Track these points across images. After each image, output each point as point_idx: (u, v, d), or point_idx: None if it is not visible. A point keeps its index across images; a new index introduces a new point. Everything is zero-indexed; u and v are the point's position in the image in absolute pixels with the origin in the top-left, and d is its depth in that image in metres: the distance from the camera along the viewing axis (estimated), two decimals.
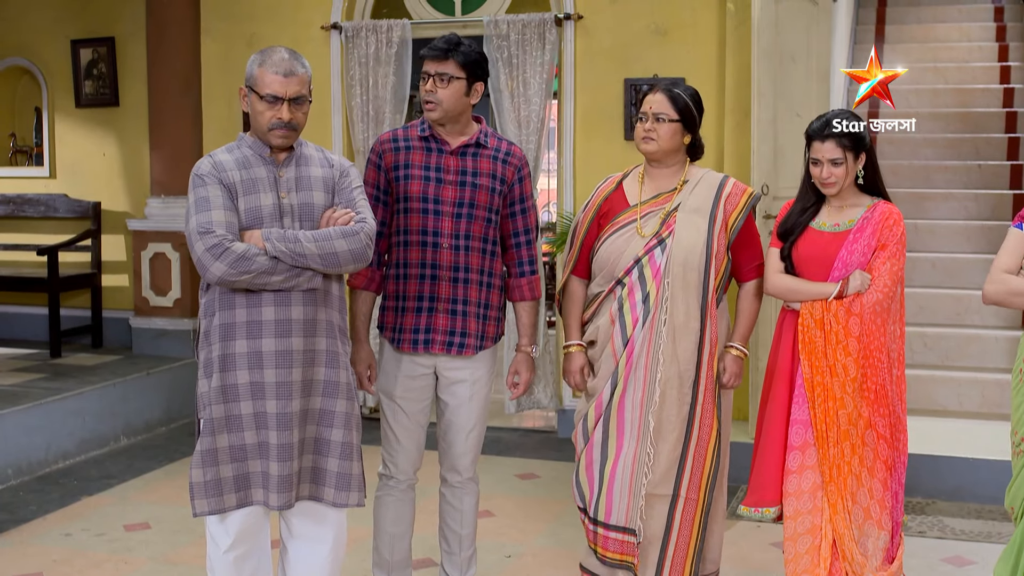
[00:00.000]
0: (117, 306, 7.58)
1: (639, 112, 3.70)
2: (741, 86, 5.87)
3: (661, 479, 3.58)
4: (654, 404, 3.58)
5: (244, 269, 2.98)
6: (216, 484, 3.14)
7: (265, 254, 3.02)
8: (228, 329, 3.10)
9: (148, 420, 6.65)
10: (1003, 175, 8.01)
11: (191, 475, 3.14)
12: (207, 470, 3.13)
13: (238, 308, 3.09)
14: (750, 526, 4.87)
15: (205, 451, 3.13)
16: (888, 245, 3.48)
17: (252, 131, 3.22)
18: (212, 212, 3.02)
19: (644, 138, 3.65)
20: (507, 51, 6.39)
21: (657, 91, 3.67)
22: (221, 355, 3.11)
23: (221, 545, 3.25)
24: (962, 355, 6.52)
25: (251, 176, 3.13)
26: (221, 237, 2.98)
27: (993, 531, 4.81)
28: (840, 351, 3.47)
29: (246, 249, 2.99)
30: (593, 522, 3.66)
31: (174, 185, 7.14)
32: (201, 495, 3.13)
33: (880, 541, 3.52)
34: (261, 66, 3.10)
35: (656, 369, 3.59)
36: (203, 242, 2.98)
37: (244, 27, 7.04)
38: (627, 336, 3.63)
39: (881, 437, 3.51)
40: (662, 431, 3.58)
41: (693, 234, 3.61)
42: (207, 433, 3.13)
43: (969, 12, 10.09)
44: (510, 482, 5.63)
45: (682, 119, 3.63)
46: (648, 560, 3.62)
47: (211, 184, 3.06)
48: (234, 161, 3.15)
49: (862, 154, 3.54)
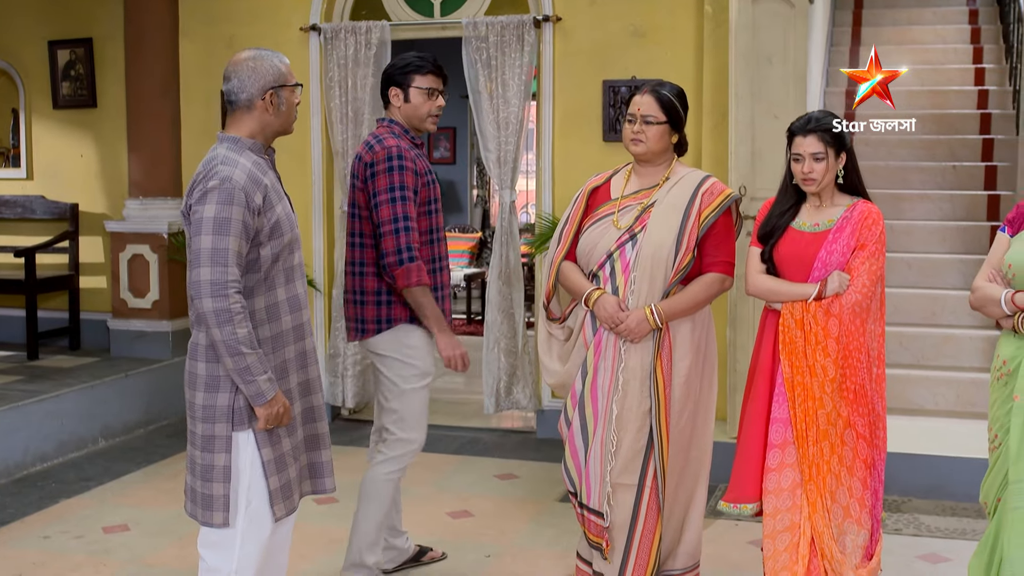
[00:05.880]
0: (95, 308, 7.55)
1: (627, 113, 3.79)
2: (719, 88, 5.91)
3: (624, 469, 3.70)
4: (618, 393, 3.69)
5: (230, 332, 2.97)
6: (287, 486, 3.19)
7: (242, 353, 3.00)
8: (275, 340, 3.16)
9: (126, 422, 6.63)
10: (978, 176, 8.08)
11: (268, 483, 3.12)
12: (281, 475, 3.16)
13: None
14: (728, 525, 4.90)
15: (277, 458, 3.14)
16: (867, 245, 3.52)
17: (262, 134, 3.19)
18: (228, 261, 2.97)
19: (633, 140, 3.75)
20: (486, 53, 6.41)
21: (645, 92, 3.75)
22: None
23: (246, 570, 3.18)
24: (937, 355, 6.58)
25: (271, 181, 3.15)
26: (232, 302, 2.97)
27: (968, 528, 4.86)
28: (819, 352, 3.51)
29: (236, 335, 2.98)
30: (580, 505, 3.81)
31: (152, 187, 7.13)
32: (279, 500, 3.15)
33: (859, 538, 3.56)
34: (282, 62, 3.19)
35: (621, 359, 3.69)
36: (214, 301, 2.96)
37: (223, 29, 7.03)
38: (596, 326, 3.76)
39: (860, 436, 3.55)
40: (623, 421, 3.69)
41: (664, 230, 3.68)
42: (269, 442, 3.12)
43: (944, 15, 10.18)
44: (489, 482, 5.65)
45: (669, 120, 3.74)
46: (616, 545, 3.75)
47: (237, 205, 2.99)
48: (256, 167, 3.13)
49: (843, 153, 3.58)
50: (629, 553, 3.74)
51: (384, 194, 3.92)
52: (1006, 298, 3.15)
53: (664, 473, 3.71)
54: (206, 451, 3.09)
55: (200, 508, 3.13)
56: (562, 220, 3.96)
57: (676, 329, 3.72)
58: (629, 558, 3.74)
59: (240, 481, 3.10)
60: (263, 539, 3.16)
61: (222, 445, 3.06)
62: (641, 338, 3.66)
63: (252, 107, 3.14)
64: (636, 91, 3.81)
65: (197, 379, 3.10)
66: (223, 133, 3.18)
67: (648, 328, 3.65)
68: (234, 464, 3.09)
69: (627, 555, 3.74)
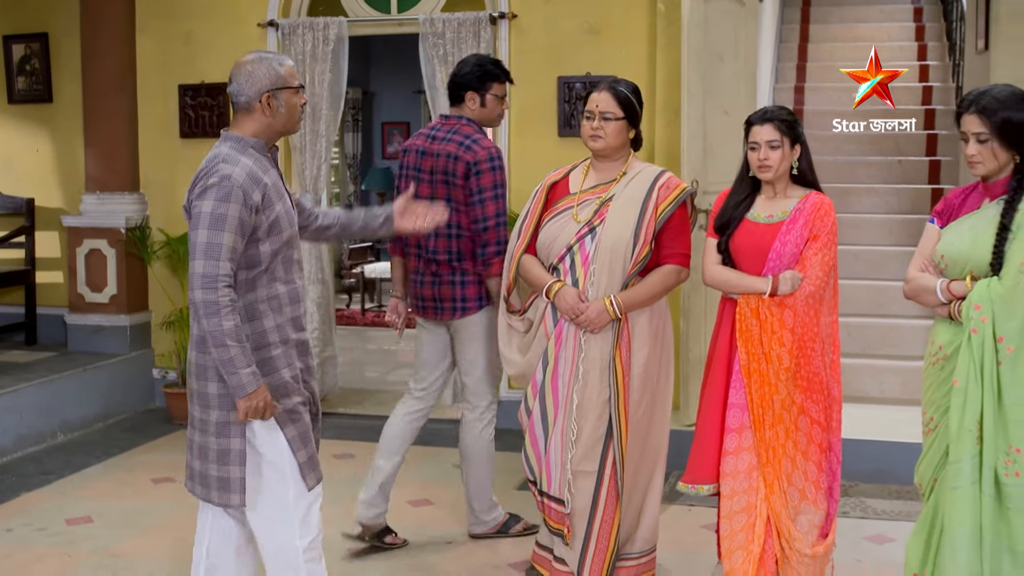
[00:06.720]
0: (51, 303, 7.52)
1: (585, 110, 3.89)
2: (671, 84, 6.03)
3: (584, 456, 3.81)
4: (579, 383, 3.79)
5: (216, 324, 3.05)
6: (313, 457, 3.32)
7: (226, 345, 3.07)
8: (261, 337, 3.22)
9: (85, 416, 6.65)
10: (922, 170, 8.29)
11: (296, 457, 3.24)
12: (307, 448, 3.29)
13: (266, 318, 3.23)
14: (682, 510, 5.03)
15: (300, 434, 3.26)
16: (820, 236, 3.65)
17: (265, 134, 3.25)
18: (221, 256, 3.05)
19: (592, 136, 3.86)
20: (442, 49, 6.49)
21: (602, 90, 3.86)
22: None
23: (307, 536, 3.29)
24: (883, 344, 6.76)
25: (272, 180, 3.21)
26: (220, 295, 3.04)
27: (912, 510, 5.02)
28: (775, 341, 3.63)
29: (221, 327, 3.06)
30: (540, 493, 3.91)
31: (110, 181, 7.13)
32: (308, 471, 3.28)
33: (815, 518, 3.68)
34: (282, 65, 3.24)
35: (581, 350, 3.79)
36: (203, 292, 3.04)
37: (180, 24, 7.04)
38: (557, 317, 3.86)
39: (815, 422, 3.68)
40: (584, 410, 3.80)
41: (623, 223, 3.79)
42: (291, 420, 3.24)
43: (890, 12, 10.40)
44: (448, 472, 5.74)
45: (626, 116, 3.87)
46: (577, 531, 3.86)
47: (234, 202, 3.07)
48: (257, 166, 3.19)
49: (797, 144, 3.71)
50: (589, 538, 3.85)
51: (488, 191, 4.36)
52: (941, 287, 3.28)
53: (623, 460, 3.82)
54: (222, 436, 3.19)
55: (216, 491, 3.23)
56: (521, 214, 4.06)
57: (634, 320, 3.83)
58: (589, 543, 3.85)
59: (270, 462, 3.22)
60: (314, 505, 3.30)
61: (239, 430, 3.17)
62: (601, 328, 3.77)
63: (251, 110, 3.21)
64: (593, 88, 3.92)
65: (208, 370, 3.19)
66: (228, 131, 3.25)
67: (608, 318, 3.76)
68: (257, 447, 3.21)
69: (587, 540, 3.85)
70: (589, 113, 3.88)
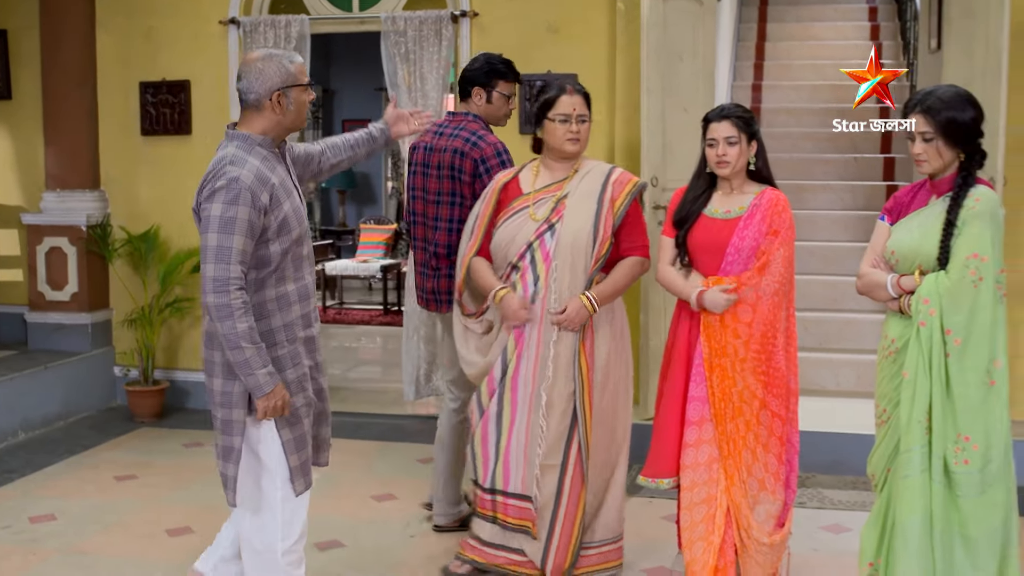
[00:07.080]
0: (10, 301, 7.48)
1: (558, 114, 3.93)
2: (631, 82, 6.09)
3: (550, 450, 3.88)
4: (547, 380, 3.85)
5: (231, 327, 3.08)
6: (306, 463, 3.35)
7: (241, 347, 3.10)
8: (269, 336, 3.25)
9: (46, 415, 6.62)
10: (877, 167, 8.42)
11: (288, 461, 3.28)
12: (300, 454, 3.32)
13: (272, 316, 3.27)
14: (643, 502, 5.11)
15: (296, 438, 3.29)
16: (780, 232, 3.74)
17: (273, 132, 3.27)
18: (232, 259, 3.08)
19: (571, 139, 3.93)
20: (404, 47, 6.53)
21: (574, 93, 3.95)
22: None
23: (289, 539, 3.33)
24: (839, 338, 6.87)
25: (279, 178, 3.24)
26: (232, 298, 3.08)
27: (868, 501, 5.12)
28: (731, 334, 3.73)
29: (235, 330, 3.09)
30: (491, 492, 3.95)
31: (70, 179, 7.09)
32: (298, 476, 3.31)
33: (773, 507, 3.78)
34: (292, 62, 3.25)
35: (548, 347, 3.85)
36: (216, 296, 3.07)
37: (141, 21, 7.01)
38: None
39: (776, 416, 3.77)
40: (552, 405, 3.85)
41: (581, 219, 3.86)
42: (288, 424, 3.27)
43: (845, 12, 10.54)
44: (412, 467, 5.78)
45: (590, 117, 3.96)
46: (542, 522, 3.92)
47: (243, 205, 3.09)
48: (264, 165, 3.21)
49: (753, 140, 3.80)
50: (554, 529, 3.91)
51: None
52: (892, 282, 3.37)
53: (588, 448, 3.88)
54: (225, 434, 3.24)
55: (223, 487, 3.30)
56: (472, 216, 4.10)
57: (598, 316, 3.91)
58: (554, 533, 3.91)
59: (262, 462, 3.27)
60: (299, 509, 3.33)
61: (239, 429, 3.22)
62: (580, 325, 3.84)
63: (261, 107, 3.22)
64: (561, 91, 3.95)
65: (215, 367, 3.23)
66: (234, 129, 3.25)
67: (587, 315, 3.84)
68: (253, 446, 3.25)
69: (551, 531, 3.92)
70: (565, 116, 3.92)
